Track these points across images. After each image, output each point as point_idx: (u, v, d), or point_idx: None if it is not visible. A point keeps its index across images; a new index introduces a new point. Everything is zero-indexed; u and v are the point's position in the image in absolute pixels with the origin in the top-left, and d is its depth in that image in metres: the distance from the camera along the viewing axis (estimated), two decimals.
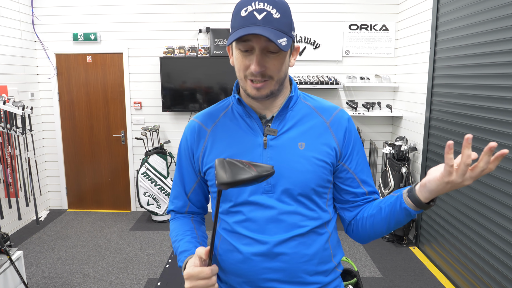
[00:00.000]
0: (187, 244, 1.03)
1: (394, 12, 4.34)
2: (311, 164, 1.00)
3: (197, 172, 1.12)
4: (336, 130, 1.04)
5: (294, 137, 1.02)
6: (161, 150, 4.33)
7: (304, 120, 1.04)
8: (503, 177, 2.48)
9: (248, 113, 1.04)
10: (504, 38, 2.47)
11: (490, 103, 2.62)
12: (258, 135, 1.02)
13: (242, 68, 0.96)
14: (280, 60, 0.95)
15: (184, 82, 4.39)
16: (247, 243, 1.01)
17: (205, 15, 4.40)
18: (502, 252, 2.47)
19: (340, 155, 1.05)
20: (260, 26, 0.88)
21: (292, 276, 1.00)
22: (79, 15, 4.42)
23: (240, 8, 0.92)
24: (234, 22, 0.93)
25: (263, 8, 0.89)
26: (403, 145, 3.81)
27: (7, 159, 3.61)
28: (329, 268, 1.06)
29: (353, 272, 2.33)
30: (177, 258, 1.03)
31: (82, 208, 4.83)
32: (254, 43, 0.91)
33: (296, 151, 1.00)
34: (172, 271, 3.26)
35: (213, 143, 1.06)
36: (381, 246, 3.77)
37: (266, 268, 1.00)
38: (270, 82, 0.96)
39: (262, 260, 0.99)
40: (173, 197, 1.18)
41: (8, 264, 2.45)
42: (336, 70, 4.47)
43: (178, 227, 1.12)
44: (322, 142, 1.02)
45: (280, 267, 0.99)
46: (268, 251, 0.99)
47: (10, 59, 4.04)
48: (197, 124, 1.10)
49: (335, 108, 1.09)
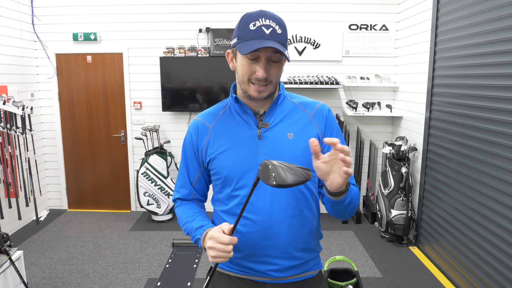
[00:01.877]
0: (202, 221, 1.19)
1: (394, 12, 4.34)
2: (300, 151, 1.18)
3: (200, 163, 1.28)
4: (319, 120, 1.24)
5: (284, 129, 1.20)
6: (161, 150, 4.33)
7: (290, 114, 1.23)
8: (503, 177, 2.47)
9: (244, 110, 1.22)
10: (504, 38, 2.47)
11: (490, 103, 2.62)
12: (253, 128, 1.21)
13: (247, 73, 1.12)
14: (279, 67, 1.14)
15: (184, 82, 4.39)
16: (245, 224, 1.19)
17: (205, 15, 4.40)
18: (502, 252, 2.47)
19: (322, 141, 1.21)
20: (269, 40, 1.06)
21: (283, 252, 1.20)
22: (79, 15, 4.42)
23: (248, 21, 1.08)
24: (243, 33, 1.09)
25: (269, 24, 1.07)
26: (403, 145, 3.81)
27: (7, 159, 3.61)
28: (312, 246, 1.27)
29: (353, 272, 2.32)
30: (192, 234, 1.18)
31: (82, 208, 4.83)
32: (261, 53, 1.08)
33: (286, 141, 1.19)
34: (172, 271, 3.26)
35: (215, 137, 1.23)
36: (381, 246, 3.77)
37: (262, 245, 1.19)
38: (270, 86, 1.15)
39: (259, 239, 1.18)
40: (179, 186, 1.34)
41: (8, 264, 2.45)
42: (336, 70, 4.47)
43: (187, 210, 1.28)
44: (307, 132, 1.21)
45: (274, 244, 1.19)
46: (264, 231, 1.18)
47: (10, 59, 4.04)
48: (200, 121, 1.28)
49: (316, 103, 1.28)
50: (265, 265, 1.21)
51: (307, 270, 1.28)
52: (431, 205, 3.46)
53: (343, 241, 3.88)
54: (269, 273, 1.21)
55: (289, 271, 1.22)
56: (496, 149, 2.55)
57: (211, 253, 1.03)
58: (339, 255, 2.42)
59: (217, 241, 1.02)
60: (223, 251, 1.01)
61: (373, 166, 4.42)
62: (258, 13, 1.09)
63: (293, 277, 1.24)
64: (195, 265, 3.36)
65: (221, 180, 1.21)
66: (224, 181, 1.21)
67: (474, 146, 2.80)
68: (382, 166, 4.33)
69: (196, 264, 3.38)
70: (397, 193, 3.75)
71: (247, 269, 1.23)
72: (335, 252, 3.63)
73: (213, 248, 1.02)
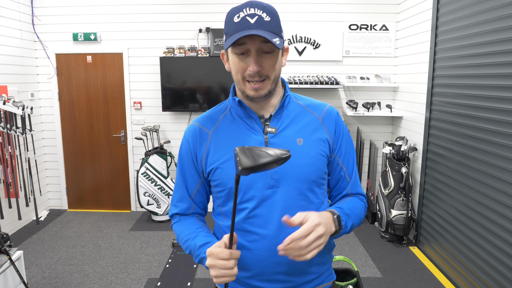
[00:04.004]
0: (206, 238, 1.06)
1: (394, 12, 4.34)
2: (311, 158, 1.08)
3: (200, 173, 1.15)
4: (328, 125, 1.14)
5: (292, 134, 1.10)
6: (161, 150, 4.33)
7: (298, 117, 1.13)
8: (503, 177, 2.47)
9: (248, 114, 1.10)
10: (504, 38, 2.47)
11: (490, 103, 2.62)
12: (259, 134, 1.09)
13: (240, 70, 1.03)
14: (274, 59, 1.02)
15: (184, 82, 4.39)
16: (253, 240, 1.07)
17: (205, 15, 4.40)
18: (502, 252, 2.47)
19: (332, 147, 1.14)
20: (254, 29, 0.96)
21: (295, 269, 1.08)
22: (79, 15, 4.42)
23: (232, 15, 0.99)
24: (228, 28, 1.00)
25: (254, 13, 0.97)
26: (403, 145, 3.81)
27: (7, 159, 3.61)
28: (325, 259, 1.17)
29: (353, 272, 2.32)
30: (195, 253, 1.05)
31: (82, 208, 4.83)
32: (249, 46, 0.98)
33: (295, 147, 1.07)
34: (172, 271, 3.26)
35: (216, 144, 1.11)
36: (381, 246, 3.77)
37: (273, 262, 1.06)
38: (267, 81, 1.04)
39: (269, 256, 1.06)
40: (177, 200, 1.19)
41: (8, 264, 2.45)
42: (336, 70, 4.47)
43: (188, 226, 1.14)
44: (317, 136, 1.11)
45: (285, 261, 1.06)
46: (274, 247, 1.03)
47: (10, 59, 4.04)
48: (197, 127, 1.14)
49: (324, 105, 1.18)
50: (276, 283, 1.09)
51: (321, 283, 1.17)
52: (431, 205, 3.46)
53: (343, 241, 3.88)
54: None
55: (302, 287, 1.12)
56: (496, 149, 2.55)
57: (212, 273, 0.93)
58: (339, 255, 2.42)
59: (216, 258, 0.92)
60: (225, 268, 0.91)
61: (373, 166, 4.42)
62: (243, 4, 1.00)
63: None
64: (195, 265, 3.36)
65: (225, 192, 1.09)
66: (229, 193, 1.08)
67: (474, 146, 2.80)
68: (382, 166, 4.33)
69: (196, 264, 3.38)
70: (397, 193, 3.75)
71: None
72: (335, 252, 3.63)
73: (213, 266, 0.92)
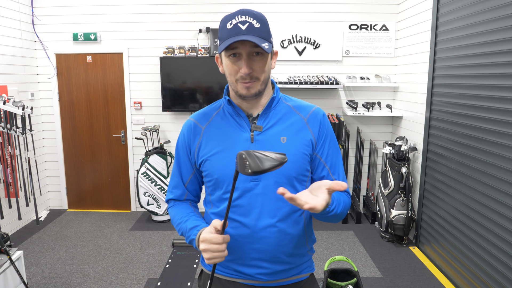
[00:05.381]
0: (196, 221, 1.17)
1: (394, 12, 4.34)
2: (293, 155, 1.15)
3: (193, 164, 1.27)
4: (313, 125, 1.22)
5: (277, 132, 1.19)
6: (161, 150, 4.33)
7: (285, 118, 1.22)
8: (503, 177, 2.47)
9: (237, 112, 1.21)
10: (504, 38, 2.47)
11: (490, 103, 2.62)
12: (246, 131, 1.19)
13: (233, 72, 1.13)
14: (264, 62, 1.12)
15: (184, 82, 4.39)
16: (235, 226, 1.18)
17: (205, 15, 4.40)
18: (502, 252, 2.47)
19: (315, 146, 1.21)
20: (245, 35, 1.06)
21: (272, 256, 1.19)
22: (79, 15, 4.42)
23: (226, 22, 1.10)
24: (222, 34, 1.11)
25: (245, 20, 1.08)
26: (403, 145, 3.81)
27: (7, 159, 3.61)
28: (303, 252, 1.26)
29: (353, 272, 2.32)
30: (186, 234, 1.17)
31: (82, 208, 4.83)
32: (241, 50, 1.08)
33: (279, 145, 1.17)
34: (172, 271, 3.26)
35: (208, 139, 1.22)
36: (381, 246, 3.77)
37: (251, 248, 1.18)
38: (257, 82, 1.13)
39: (248, 242, 1.18)
40: (172, 187, 1.32)
41: (8, 264, 2.45)
42: (336, 70, 4.47)
43: (181, 210, 1.27)
44: (301, 136, 1.19)
45: (262, 248, 1.18)
46: (253, 234, 1.17)
47: (10, 59, 4.04)
48: (193, 122, 1.27)
49: (311, 107, 1.26)
50: (254, 268, 1.20)
51: (298, 273, 1.27)
52: (431, 205, 3.46)
53: (343, 241, 3.88)
54: (258, 276, 1.20)
55: (279, 274, 1.22)
56: (496, 149, 2.55)
57: (206, 255, 1.02)
58: (339, 255, 2.42)
59: (210, 243, 1.01)
60: (218, 251, 1.01)
61: (373, 166, 4.42)
62: (235, 12, 1.10)
63: (283, 280, 1.24)
64: (195, 265, 3.36)
65: (213, 182, 1.20)
66: (216, 183, 1.19)
67: (474, 146, 2.80)
68: (382, 166, 4.33)
69: (196, 264, 3.38)
70: (397, 193, 3.75)
71: (237, 272, 1.23)
72: (335, 252, 3.63)
73: (207, 250, 1.02)
